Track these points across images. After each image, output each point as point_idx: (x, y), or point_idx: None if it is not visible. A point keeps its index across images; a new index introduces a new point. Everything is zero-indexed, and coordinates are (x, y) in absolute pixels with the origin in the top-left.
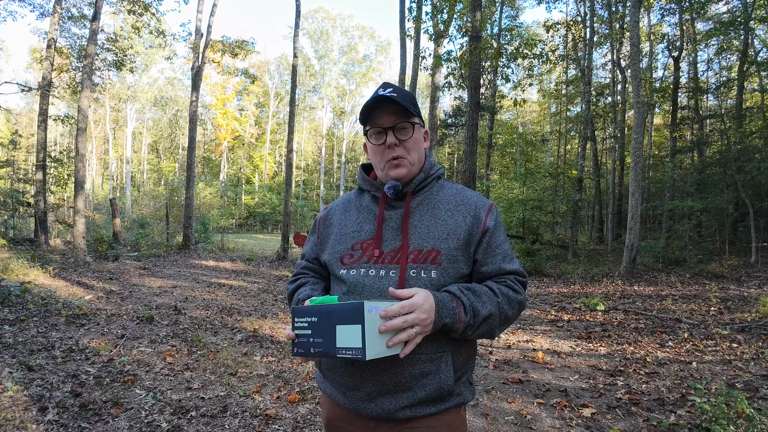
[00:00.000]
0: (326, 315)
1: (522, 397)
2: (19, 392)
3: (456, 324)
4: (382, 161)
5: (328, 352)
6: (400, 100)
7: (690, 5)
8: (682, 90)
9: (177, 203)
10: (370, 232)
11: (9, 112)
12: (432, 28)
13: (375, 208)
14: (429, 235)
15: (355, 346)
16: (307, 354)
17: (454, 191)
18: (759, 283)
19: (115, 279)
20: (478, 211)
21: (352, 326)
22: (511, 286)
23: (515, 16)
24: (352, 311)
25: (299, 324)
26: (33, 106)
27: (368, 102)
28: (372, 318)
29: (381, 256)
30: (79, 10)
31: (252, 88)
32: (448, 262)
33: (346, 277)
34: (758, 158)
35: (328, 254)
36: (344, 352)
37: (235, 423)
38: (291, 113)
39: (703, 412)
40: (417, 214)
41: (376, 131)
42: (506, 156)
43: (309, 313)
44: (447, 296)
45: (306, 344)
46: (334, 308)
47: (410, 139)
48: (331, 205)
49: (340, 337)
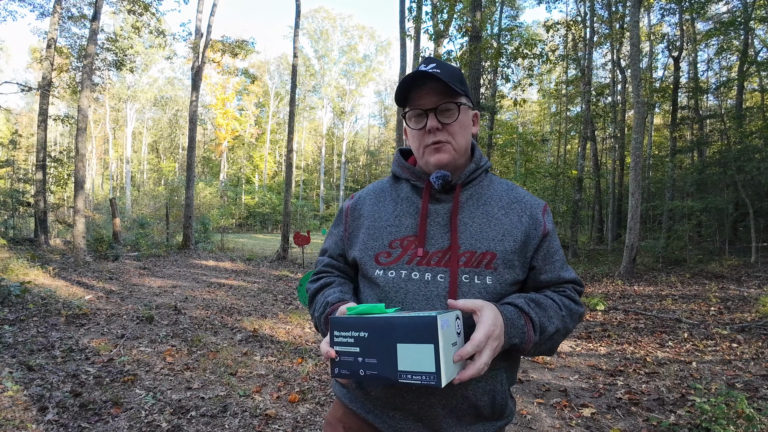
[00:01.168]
0: (380, 330)
1: (522, 396)
2: (19, 392)
3: (524, 344)
4: (421, 146)
5: (386, 376)
6: (443, 77)
7: (690, 5)
8: (682, 90)
9: (177, 203)
10: (412, 228)
11: (9, 111)
12: (432, 28)
13: (416, 199)
14: (482, 234)
15: (425, 370)
16: (354, 377)
17: (506, 187)
18: (759, 283)
19: (115, 279)
20: (534, 211)
21: (421, 345)
22: (572, 297)
23: (515, 16)
24: (421, 327)
25: (342, 339)
26: (33, 106)
27: (406, 79)
28: (445, 334)
29: (426, 256)
30: (79, 9)
31: (252, 88)
32: (504, 267)
33: (382, 279)
34: (758, 158)
35: (360, 251)
36: (409, 377)
37: (235, 423)
38: (291, 113)
39: (703, 412)
40: (467, 209)
41: (415, 113)
42: (506, 156)
43: (356, 327)
44: (514, 312)
45: (353, 365)
46: (393, 322)
47: (455, 122)
48: (359, 193)
49: (403, 358)
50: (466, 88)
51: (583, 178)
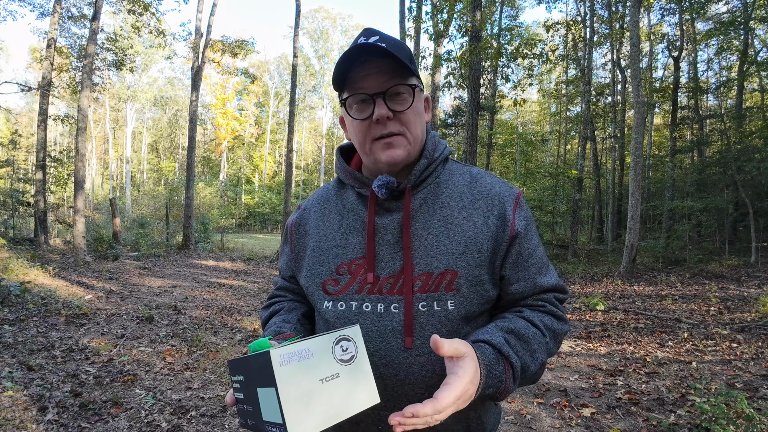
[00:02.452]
0: (248, 372)
1: (522, 396)
2: (19, 392)
3: (498, 395)
4: (367, 141)
5: (260, 429)
6: (393, 52)
7: (690, 5)
8: (682, 90)
9: (177, 203)
10: (359, 248)
11: (9, 111)
12: (432, 27)
13: (362, 211)
14: (440, 249)
15: (276, 420)
16: (248, 427)
17: (468, 178)
18: (759, 283)
19: (115, 279)
20: (503, 208)
21: (268, 389)
22: (553, 313)
23: (515, 16)
24: (260, 366)
25: (236, 384)
26: (33, 106)
27: (345, 55)
28: (292, 372)
29: (377, 283)
30: (79, 9)
31: (252, 87)
32: (468, 287)
33: (332, 313)
34: (758, 158)
35: (306, 278)
36: (271, 430)
37: (235, 423)
38: (291, 113)
39: (702, 412)
40: (420, 219)
41: (358, 99)
42: (506, 156)
43: (237, 369)
44: (493, 357)
45: (244, 413)
46: (249, 361)
47: (409, 108)
48: (305, 203)
49: (264, 404)
50: (416, 66)
51: (583, 178)
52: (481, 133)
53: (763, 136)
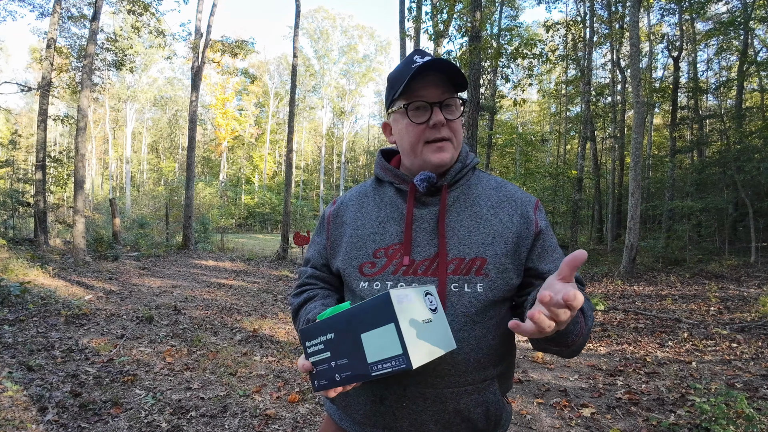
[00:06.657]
0: (344, 325)
1: (521, 396)
2: (18, 392)
3: (576, 336)
4: (420, 143)
5: (360, 372)
6: (451, 69)
7: (690, 5)
8: (682, 90)
9: (177, 203)
10: (397, 235)
11: (9, 112)
12: (432, 28)
13: (401, 204)
14: (471, 239)
15: (392, 354)
16: (332, 384)
17: (494, 184)
18: (759, 282)
19: (115, 279)
20: (525, 209)
21: (382, 329)
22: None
23: (515, 16)
24: (376, 308)
25: (313, 348)
26: (33, 106)
27: (413, 69)
28: (406, 310)
29: (412, 265)
30: (78, 10)
31: (252, 88)
32: (496, 273)
33: (367, 292)
34: (758, 158)
35: (343, 261)
36: (380, 368)
37: (234, 423)
38: (291, 113)
39: (702, 412)
40: (454, 212)
41: (415, 106)
42: (506, 156)
43: (322, 330)
44: None
45: (328, 372)
46: (352, 312)
47: (458, 119)
48: (341, 198)
49: (369, 348)
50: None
51: (583, 178)
52: (481, 133)
53: (763, 136)
